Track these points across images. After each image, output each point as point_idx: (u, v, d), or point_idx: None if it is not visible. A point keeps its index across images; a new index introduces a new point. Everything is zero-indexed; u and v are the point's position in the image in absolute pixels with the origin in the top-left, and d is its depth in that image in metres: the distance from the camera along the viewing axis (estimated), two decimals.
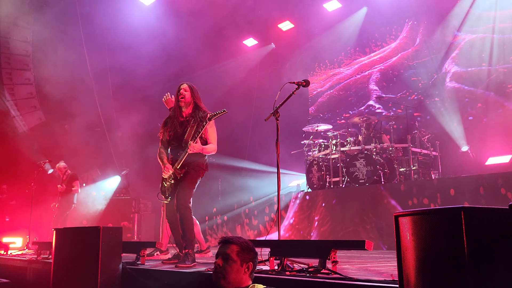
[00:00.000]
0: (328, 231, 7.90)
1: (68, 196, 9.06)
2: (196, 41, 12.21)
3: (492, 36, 9.53)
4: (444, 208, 1.95)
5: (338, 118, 12.18)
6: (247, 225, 9.83)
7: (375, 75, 11.66)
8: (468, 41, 9.90)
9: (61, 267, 4.22)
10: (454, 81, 9.92)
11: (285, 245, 3.89)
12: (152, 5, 11.63)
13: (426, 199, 6.89)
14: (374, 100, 9.49)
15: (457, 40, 10.15)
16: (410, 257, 2.12)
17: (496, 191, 6.18)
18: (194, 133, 4.58)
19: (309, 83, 4.49)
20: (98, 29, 11.49)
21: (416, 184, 7.43)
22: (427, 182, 7.59)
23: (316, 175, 9.07)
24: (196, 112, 4.71)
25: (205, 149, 4.66)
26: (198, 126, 4.59)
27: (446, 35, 10.32)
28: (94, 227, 3.90)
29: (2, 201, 11.12)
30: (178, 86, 4.76)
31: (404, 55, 11.14)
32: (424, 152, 8.75)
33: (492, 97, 9.24)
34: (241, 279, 2.61)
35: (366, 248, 3.08)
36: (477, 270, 1.81)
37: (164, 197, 4.82)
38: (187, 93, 4.71)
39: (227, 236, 2.71)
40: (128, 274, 4.13)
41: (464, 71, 9.81)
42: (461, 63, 9.92)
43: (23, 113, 11.63)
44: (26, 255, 6.81)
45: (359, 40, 12.22)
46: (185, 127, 4.69)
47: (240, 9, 11.59)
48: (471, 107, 9.53)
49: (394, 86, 11.15)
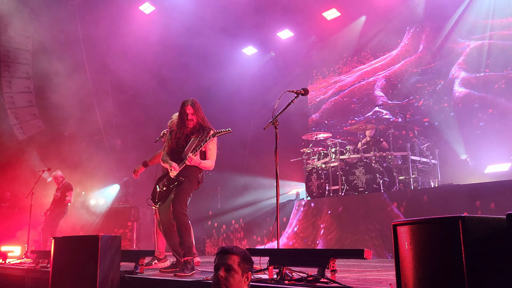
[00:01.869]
0: (334, 239, 7.87)
1: (61, 206, 9.04)
2: (195, 50, 12.27)
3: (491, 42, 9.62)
4: (442, 217, 1.96)
5: (344, 124, 12.20)
6: (245, 233, 9.80)
7: (380, 82, 11.70)
8: (474, 47, 9.96)
9: (59, 276, 4.21)
10: (463, 87, 9.96)
11: (284, 254, 3.88)
12: (152, 14, 11.70)
13: (427, 208, 6.87)
14: (380, 107, 9.49)
15: (461, 46, 10.20)
16: (408, 266, 2.12)
17: (496, 199, 6.18)
18: (195, 146, 4.67)
19: (308, 91, 4.51)
20: (98, 37, 11.54)
21: (418, 192, 7.44)
22: (428, 190, 7.60)
23: (316, 183, 9.06)
24: (200, 128, 4.80)
25: (203, 163, 4.74)
26: (200, 141, 4.69)
27: (450, 42, 10.38)
28: (93, 236, 3.89)
29: (5, 209, 11.06)
30: (182, 106, 4.79)
31: (407, 62, 11.19)
32: (423, 160, 8.76)
33: (503, 102, 9.30)
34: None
35: (365, 257, 3.08)
36: (475, 279, 1.81)
37: (153, 203, 4.85)
38: (194, 116, 4.76)
39: (227, 246, 2.70)
40: (126, 283, 4.11)
41: (473, 76, 9.85)
42: (468, 68, 9.96)
43: (22, 121, 11.64)
44: (25, 264, 6.78)
45: (358, 47, 12.29)
46: (188, 140, 4.79)
47: (240, 18, 11.65)
48: (482, 113, 9.58)
49: (400, 92, 11.20)
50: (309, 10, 11.71)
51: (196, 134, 4.77)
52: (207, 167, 4.83)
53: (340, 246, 7.65)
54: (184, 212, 4.59)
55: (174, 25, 11.52)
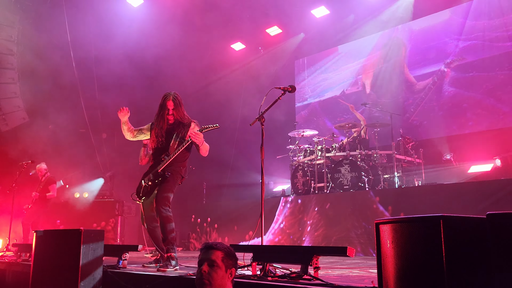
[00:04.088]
0: (321, 236, 7.90)
1: (42, 200, 8.95)
2: (183, 44, 12.20)
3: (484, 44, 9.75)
4: (423, 216, 1.98)
5: (331, 122, 12.24)
6: (229, 229, 9.80)
7: (368, 80, 11.76)
8: (463, 47, 10.07)
9: (41, 269, 4.16)
10: (452, 87, 10.06)
11: (267, 251, 3.90)
12: (140, 7, 11.59)
13: (410, 206, 6.94)
14: (367, 105, 9.54)
15: (450, 46, 10.30)
16: (390, 264, 2.14)
17: (478, 199, 6.26)
18: (179, 145, 4.67)
19: (295, 88, 4.52)
20: (85, 29, 11.39)
21: (404, 191, 7.52)
22: (412, 189, 7.68)
23: (301, 181, 9.09)
24: (180, 124, 4.79)
25: (205, 144, 4.69)
26: (184, 137, 4.69)
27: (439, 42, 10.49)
28: (75, 230, 3.85)
29: None
30: (164, 100, 4.76)
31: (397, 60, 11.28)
32: (408, 159, 8.84)
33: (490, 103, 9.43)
34: (225, 284, 2.63)
35: (348, 254, 3.10)
36: (455, 278, 1.83)
37: (138, 198, 4.84)
38: (174, 111, 4.74)
39: (211, 242, 2.71)
40: (109, 277, 4.09)
41: (462, 76, 9.95)
42: (458, 68, 10.07)
43: (6, 112, 11.46)
44: (6, 257, 6.70)
45: (347, 46, 12.34)
46: (170, 133, 4.78)
47: (229, 13, 11.61)
48: (471, 113, 9.70)
49: (388, 90, 11.26)
50: (299, 7, 11.69)
51: (177, 130, 4.75)
52: (206, 149, 4.77)
53: (326, 243, 7.69)
54: (167, 208, 4.59)
55: (161, 20, 11.44)
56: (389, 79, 11.29)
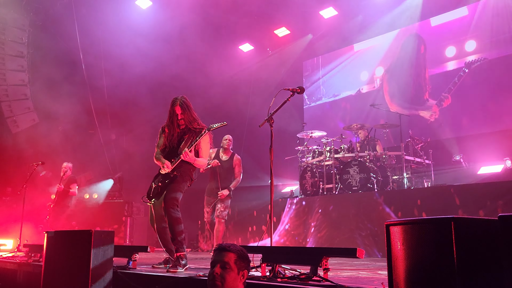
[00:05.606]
0: (325, 237, 7.88)
1: (65, 198, 8.99)
2: (191, 46, 12.22)
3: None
4: (434, 218, 1.97)
5: (340, 123, 12.19)
6: (238, 230, 9.80)
7: (385, 79, 11.72)
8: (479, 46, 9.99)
9: (51, 270, 4.19)
10: (467, 86, 9.99)
11: (277, 252, 3.90)
12: (148, 9, 11.65)
13: (419, 208, 6.90)
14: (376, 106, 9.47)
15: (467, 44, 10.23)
16: (400, 265, 2.14)
17: (488, 200, 6.21)
18: (190, 143, 4.70)
19: (304, 90, 4.52)
20: (94, 31, 11.47)
21: (410, 192, 7.46)
22: (421, 190, 7.63)
23: (310, 182, 9.07)
24: (192, 124, 4.81)
25: (197, 161, 4.77)
26: (194, 137, 4.72)
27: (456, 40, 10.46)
28: (86, 231, 3.88)
29: (5, 203, 10.95)
30: (172, 106, 4.79)
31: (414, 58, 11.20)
32: (417, 160, 8.79)
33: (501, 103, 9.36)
34: (236, 286, 2.63)
35: (357, 256, 3.10)
36: (466, 280, 1.82)
37: (148, 199, 4.87)
38: (184, 116, 4.77)
39: (224, 244, 2.71)
40: (119, 278, 4.11)
41: (476, 75, 9.84)
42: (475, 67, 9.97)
43: (16, 114, 11.57)
44: (17, 257, 6.76)
45: (363, 44, 12.29)
46: (181, 137, 4.82)
47: (237, 14, 11.62)
48: (479, 112, 9.64)
49: (404, 89, 11.20)
50: (307, 8, 11.67)
51: (189, 133, 4.79)
52: (200, 165, 4.89)
53: (330, 245, 7.65)
54: (176, 208, 4.60)
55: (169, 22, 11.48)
56: (405, 78, 11.20)
